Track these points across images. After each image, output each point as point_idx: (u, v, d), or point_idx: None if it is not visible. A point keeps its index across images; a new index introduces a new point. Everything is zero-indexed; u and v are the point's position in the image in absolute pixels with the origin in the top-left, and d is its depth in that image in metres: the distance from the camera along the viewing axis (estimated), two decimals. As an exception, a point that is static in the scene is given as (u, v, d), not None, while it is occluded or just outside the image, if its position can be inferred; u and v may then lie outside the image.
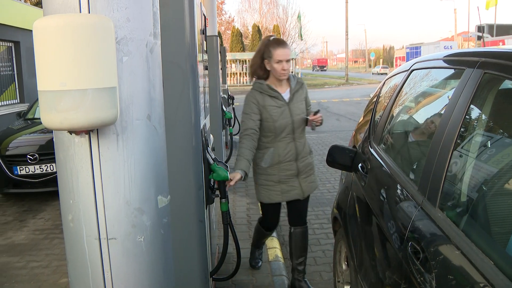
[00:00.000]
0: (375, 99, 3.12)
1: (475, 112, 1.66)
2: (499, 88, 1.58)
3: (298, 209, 3.25)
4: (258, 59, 3.03)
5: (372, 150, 2.56)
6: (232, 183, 2.74)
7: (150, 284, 1.32)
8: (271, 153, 3.05)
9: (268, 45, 2.98)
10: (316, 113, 3.04)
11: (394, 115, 2.60)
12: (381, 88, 3.13)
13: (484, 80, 1.58)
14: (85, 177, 1.21)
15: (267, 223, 3.40)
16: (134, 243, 1.27)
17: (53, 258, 4.11)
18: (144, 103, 1.25)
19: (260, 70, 3.05)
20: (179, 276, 2.16)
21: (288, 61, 2.98)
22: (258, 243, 3.68)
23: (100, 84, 1.06)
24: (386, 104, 2.71)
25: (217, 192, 2.72)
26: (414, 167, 2.06)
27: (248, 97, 3.04)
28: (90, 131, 1.16)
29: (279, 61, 2.94)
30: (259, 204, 4.81)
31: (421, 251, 1.52)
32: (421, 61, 2.49)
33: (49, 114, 1.04)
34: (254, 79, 3.16)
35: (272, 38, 3.04)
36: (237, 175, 2.80)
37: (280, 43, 2.99)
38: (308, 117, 3.08)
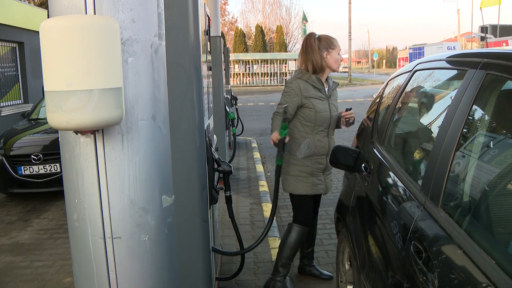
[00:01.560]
0: (378, 100, 3.12)
1: (477, 113, 1.66)
2: (502, 89, 1.59)
3: (315, 204, 3.44)
4: (319, 52, 3.09)
5: (375, 151, 2.56)
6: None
7: (155, 283, 1.33)
8: (307, 143, 3.12)
9: (327, 38, 3.13)
10: (348, 110, 3.24)
11: (397, 115, 2.60)
12: (384, 89, 3.13)
13: (487, 81, 1.59)
14: (90, 176, 1.22)
15: (303, 217, 3.23)
16: (139, 242, 1.28)
17: (57, 257, 4.13)
18: (149, 104, 1.26)
19: (322, 63, 3.10)
20: (183, 275, 2.18)
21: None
22: (291, 258, 3.27)
23: (105, 84, 1.07)
24: (389, 105, 2.72)
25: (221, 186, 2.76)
26: (417, 167, 2.06)
27: (291, 85, 3.11)
28: (95, 131, 1.17)
29: (339, 52, 3.16)
30: (272, 201, 4.78)
31: (423, 250, 1.53)
32: (424, 62, 2.50)
33: (55, 114, 1.06)
34: (298, 69, 3.24)
35: (318, 34, 3.16)
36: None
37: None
38: (340, 114, 3.25)
